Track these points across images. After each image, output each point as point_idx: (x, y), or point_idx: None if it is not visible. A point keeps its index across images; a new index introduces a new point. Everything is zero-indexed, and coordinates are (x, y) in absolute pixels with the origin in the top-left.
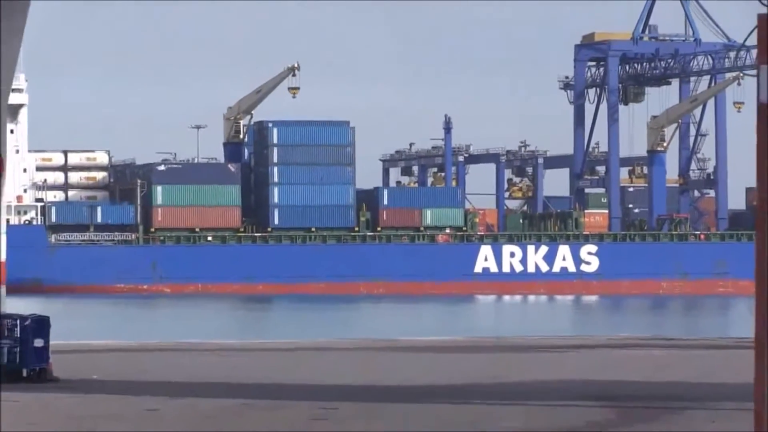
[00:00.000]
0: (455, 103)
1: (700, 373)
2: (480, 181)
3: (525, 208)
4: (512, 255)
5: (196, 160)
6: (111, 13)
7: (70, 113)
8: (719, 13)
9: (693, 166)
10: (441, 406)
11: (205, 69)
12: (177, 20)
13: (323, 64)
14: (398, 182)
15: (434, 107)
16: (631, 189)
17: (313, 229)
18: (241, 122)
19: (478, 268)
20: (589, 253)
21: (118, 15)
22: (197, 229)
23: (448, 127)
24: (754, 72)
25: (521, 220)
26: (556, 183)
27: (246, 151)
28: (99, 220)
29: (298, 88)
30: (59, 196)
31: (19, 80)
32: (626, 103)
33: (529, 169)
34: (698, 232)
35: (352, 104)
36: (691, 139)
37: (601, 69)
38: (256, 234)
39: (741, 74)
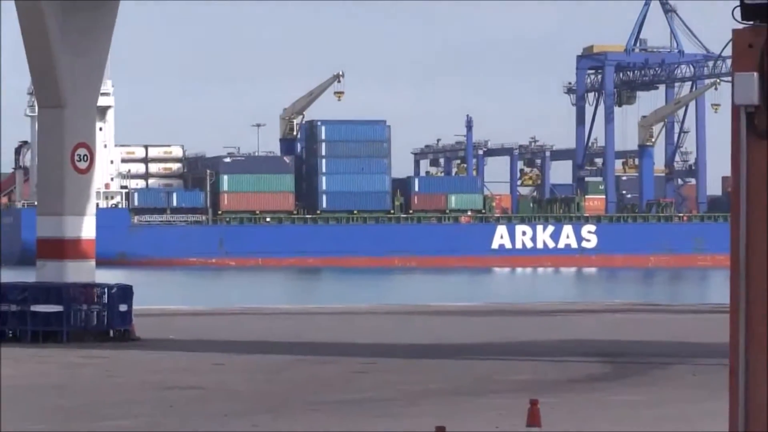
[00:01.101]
0: (475, 105)
1: (682, 333)
2: (496, 171)
3: (534, 193)
4: (524, 233)
5: (256, 153)
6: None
7: (150, 113)
8: (700, 28)
9: (677, 158)
10: (463, 361)
11: (265, 75)
12: (240, 31)
13: (363, 71)
14: (427, 172)
15: (458, 108)
16: (624, 178)
17: (355, 212)
18: (295, 121)
19: (494, 245)
20: (589, 232)
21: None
22: (257, 212)
23: (469, 126)
24: (729, 78)
25: (531, 204)
26: (560, 172)
27: (298, 145)
28: (174, 204)
29: (342, 93)
30: (141, 183)
31: (107, 85)
32: (620, 105)
33: (538, 161)
34: (681, 214)
35: (388, 105)
36: (676, 136)
37: (599, 76)
38: (307, 216)
39: (718, 80)
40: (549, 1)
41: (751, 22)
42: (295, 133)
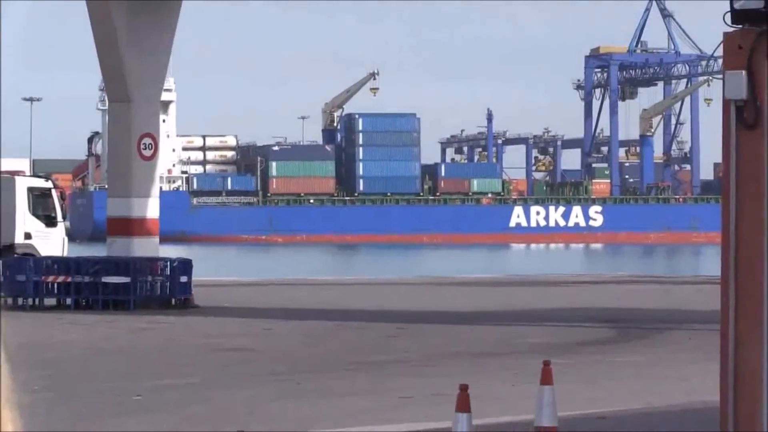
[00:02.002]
0: (495, 99)
1: (679, 302)
2: (513, 158)
3: (547, 178)
4: (538, 213)
5: (301, 143)
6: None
7: (208, 107)
8: (694, 32)
9: (674, 146)
10: (483, 327)
11: (308, 73)
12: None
13: (396, 69)
14: (452, 159)
15: (479, 102)
16: (627, 164)
17: (388, 194)
18: (335, 114)
19: (512, 224)
20: (596, 212)
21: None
22: (302, 194)
23: (489, 118)
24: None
25: (544, 187)
26: (570, 159)
27: (338, 135)
28: (229, 187)
29: (377, 89)
30: (199, 169)
31: (169, 82)
32: (623, 100)
33: (551, 149)
34: (678, 197)
35: (418, 100)
36: (672, 127)
37: (605, 74)
38: (345, 198)
39: (710, 78)
40: (560, 6)
41: (741, 26)
42: (335, 124)
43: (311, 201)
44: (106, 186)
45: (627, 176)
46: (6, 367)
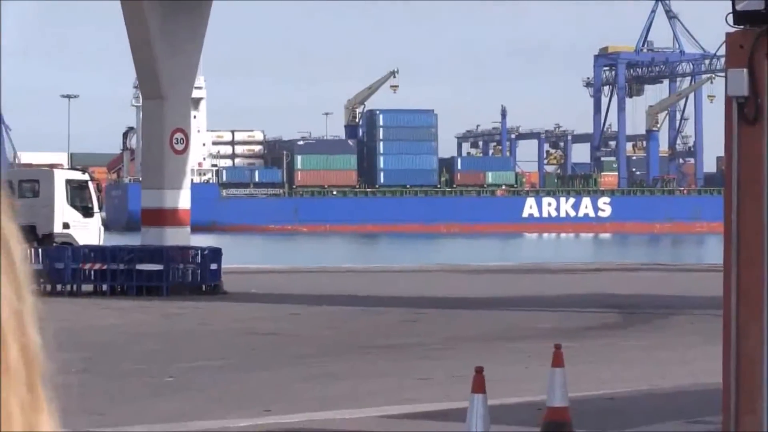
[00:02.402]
0: (509, 96)
1: (682, 289)
2: (526, 152)
3: (558, 171)
4: (549, 204)
5: (325, 137)
6: (264, 23)
7: (236, 103)
8: (698, 32)
9: (678, 141)
10: (498, 312)
11: (332, 71)
12: (310, 31)
13: (415, 68)
14: (468, 153)
15: (494, 99)
16: (634, 158)
17: (407, 186)
18: (357, 110)
19: (525, 214)
20: (604, 203)
21: (269, 25)
22: (325, 186)
23: (503, 114)
24: (723, 74)
25: (555, 180)
26: (580, 153)
27: (360, 130)
28: (256, 179)
29: (397, 86)
30: (228, 163)
31: (200, 81)
32: (631, 96)
33: (562, 144)
34: (682, 188)
35: (436, 97)
36: (677, 122)
37: (613, 72)
38: (367, 189)
39: (713, 76)
40: (570, 8)
41: (742, 26)
42: (357, 120)
43: (334, 192)
44: (140, 178)
45: (634, 169)
46: (43, 350)
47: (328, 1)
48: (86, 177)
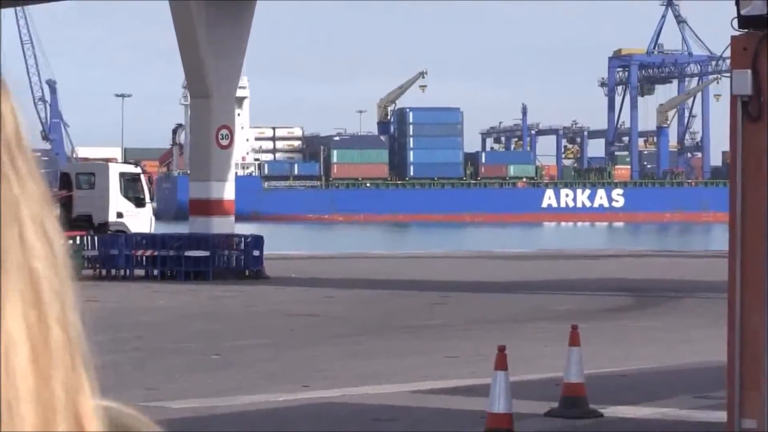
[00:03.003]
0: (530, 94)
1: (690, 273)
2: (545, 147)
3: (575, 164)
4: (567, 195)
5: (359, 133)
6: (304, 25)
7: (277, 101)
8: (705, 35)
9: (686, 136)
10: (519, 295)
11: (365, 71)
12: (345, 34)
13: (442, 68)
14: (491, 147)
15: (516, 97)
16: (645, 152)
17: (435, 179)
18: (389, 108)
19: (544, 204)
20: (618, 194)
21: (308, 28)
22: (359, 178)
23: (524, 111)
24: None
25: (572, 173)
26: (595, 148)
27: (392, 127)
28: (296, 172)
29: (426, 86)
30: (269, 157)
31: (243, 81)
32: (642, 95)
33: (578, 139)
34: (690, 181)
35: (461, 95)
36: (686, 119)
37: (626, 73)
38: (398, 182)
39: (719, 76)
40: (586, 13)
41: (746, 30)
42: (389, 117)
43: (368, 184)
44: (188, 171)
45: (645, 163)
46: (84, 333)
47: (364, 6)
48: (138, 170)
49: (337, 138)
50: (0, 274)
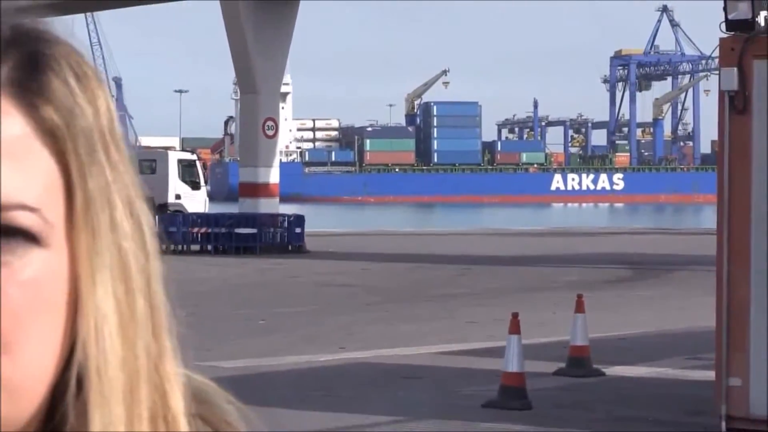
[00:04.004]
0: (541, 90)
1: (683, 248)
2: (554, 137)
3: (580, 152)
4: (573, 179)
5: (389, 124)
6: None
7: (316, 96)
8: (696, 37)
9: (679, 127)
10: (530, 268)
11: (395, 69)
12: (377, 35)
13: (463, 67)
14: (506, 137)
15: (528, 92)
16: (643, 141)
17: (456, 165)
18: (415, 102)
19: (553, 188)
20: (618, 179)
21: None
22: (389, 164)
23: (535, 105)
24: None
25: (578, 159)
26: (599, 137)
27: (418, 119)
28: (333, 159)
29: (448, 82)
30: (309, 145)
31: (287, 78)
32: (640, 91)
33: (583, 130)
34: (683, 166)
35: (480, 91)
36: (679, 112)
37: (626, 71)
38: (423, 167)
39: (708, 74)
40: (590, 17)
41: (733, 33)
42: (415, 110)
43: (397, 170)
44: (238, 158)
45: (643, 151)
46: (165, 303)
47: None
48: (194, 157)
49: (369, 129)
50: (93, 255)
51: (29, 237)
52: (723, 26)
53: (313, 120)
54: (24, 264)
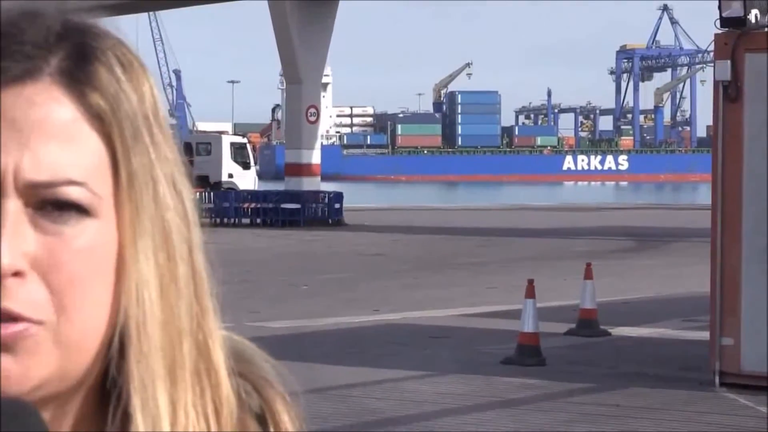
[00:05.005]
0: (554, 80)
1: (681, 222)
2: (566, 122)
3: (589, 136)
4: (582, 160)
5: (418, 111)
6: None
7: (354, 85)
8: (694, 32)
9: (678, 114)
10: (544, 239)
11: (423, 61)
12: (407, 30)
13: (485, 60)
14: (523, 123)
15: (542, 82)
16: (645, 126)
17: (478, 147)
18: (442, 92)
19: (564, 168)
20: (623, 160)
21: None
22: (419, 147)
23: (549, 94)
24: (712, 64)
25: (587, 142)
26: (605, 123)
27: (444, 106)
28: (368, 142)
29: (471, 74)
30: (347, 130)
31: (327, 70)
32: (643, 81)
33: (592, 116)
34: (681, 149)
35: (499, 81)
36: (677, 100)
37: (630, 63)
38: (449, 150)
39: (704, 66)
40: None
41: (726, 29)
42: (442, 99)
43: (425, 152)
44: (284, 141)
45: (645, 135)
46: (206, 269)
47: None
48: (245, 140)
49: (401, 115)
50: (136, 225)
51: (81, 210)
52: (718, 23)
53: (351, 107)
54: (76, 234)
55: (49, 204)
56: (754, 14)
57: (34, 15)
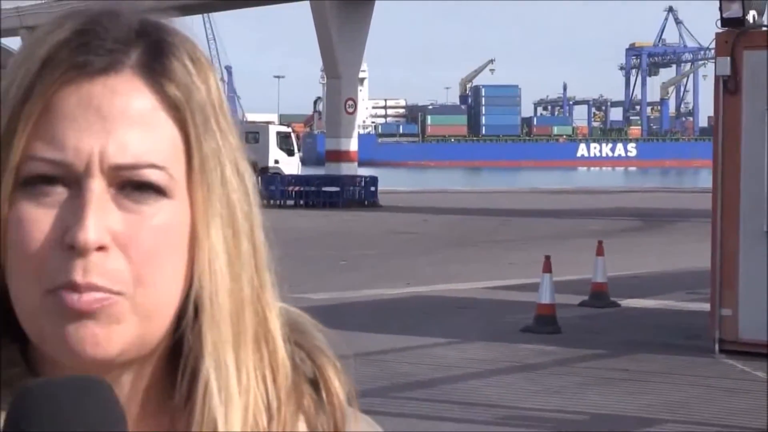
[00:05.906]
0: (569, 75)
1: (685, 204)
2: (580, 113)
3: (601, 126)
4: (595, 148)
5: (446, 104)
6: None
7: (388, 79)
8: (697, 31)
9: (682, 106)
10: (560, 220)
11: (450, 58)
12: (435, 27)
13: (506, 56)
14: (541, 114)
15: (558, 77)
16: (652, 117)
17: (501, 136)
18: (467, 85)
19: (578, 155)
20: (632, 147)
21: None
22: (446, 136)
23: (565, 87)
24: (713, 60)
25: (599, 132)
26: (616, 114)
27: (469, 99)
28: (401, 131)
29: (494, 69)
30: (382, 120)
31: (364, 66)
32: (650, 76)
33: (603, 107)
34: (684, 137)
35: (519, 75)
36: (681, 93)
37: (638, 59)
38: (473, 138)
39: (706, 62)
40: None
41: (727, 28)
42: (467, 92)
43: (452, 140)
44: (325, 131)
45: (652, 125)
46: (266, 246)
47: (451, 10)
48: (289, 130)
49: (430, 107)
50: (207, 205)
51: (159, 191)
52: (719, 23)
53: (385, 100)
54: (154, 212)
55: (130, 185)
56: (752, 15)
57: (114, 14)
